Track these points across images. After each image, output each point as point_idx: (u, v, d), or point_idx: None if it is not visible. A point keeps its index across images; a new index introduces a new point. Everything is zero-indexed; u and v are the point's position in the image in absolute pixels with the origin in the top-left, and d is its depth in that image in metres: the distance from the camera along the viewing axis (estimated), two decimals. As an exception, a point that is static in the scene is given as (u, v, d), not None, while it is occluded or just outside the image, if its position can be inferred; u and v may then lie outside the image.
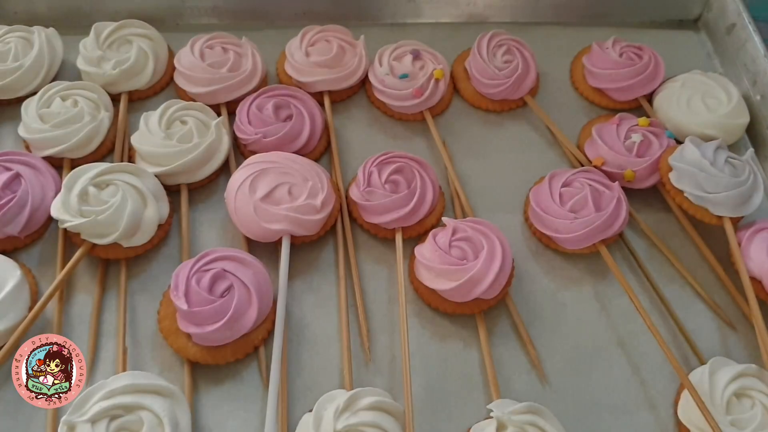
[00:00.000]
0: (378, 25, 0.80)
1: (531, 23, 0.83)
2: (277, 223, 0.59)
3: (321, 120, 0.68)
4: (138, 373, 0.52)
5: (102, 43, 0.70)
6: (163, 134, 0.63)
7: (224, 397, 0.55)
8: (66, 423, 0.48)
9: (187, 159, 0.62)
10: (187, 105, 0.66)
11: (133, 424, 0.49)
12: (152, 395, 0.50)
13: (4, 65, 0.68)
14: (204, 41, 0.71)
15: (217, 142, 0.65)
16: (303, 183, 0.61)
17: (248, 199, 0.59)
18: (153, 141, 0.63)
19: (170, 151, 0.62)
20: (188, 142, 0.63)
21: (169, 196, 0.63)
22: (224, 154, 0.65)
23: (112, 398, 0.49)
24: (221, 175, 0.67)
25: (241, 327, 0.54)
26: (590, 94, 0.76)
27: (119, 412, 0.49)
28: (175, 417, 0.50)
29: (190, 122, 0.65)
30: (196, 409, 0.54)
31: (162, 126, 0.64)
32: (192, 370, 0.55)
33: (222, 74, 0.69)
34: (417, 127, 0.73)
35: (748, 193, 0.62)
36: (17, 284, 0.56)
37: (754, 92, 0.74)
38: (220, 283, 0.54)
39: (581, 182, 0.63)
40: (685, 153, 0.63)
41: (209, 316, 0.53)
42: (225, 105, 0.70)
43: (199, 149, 0.63)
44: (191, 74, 0.69)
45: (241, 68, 0.70)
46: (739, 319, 0.61)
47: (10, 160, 0.61)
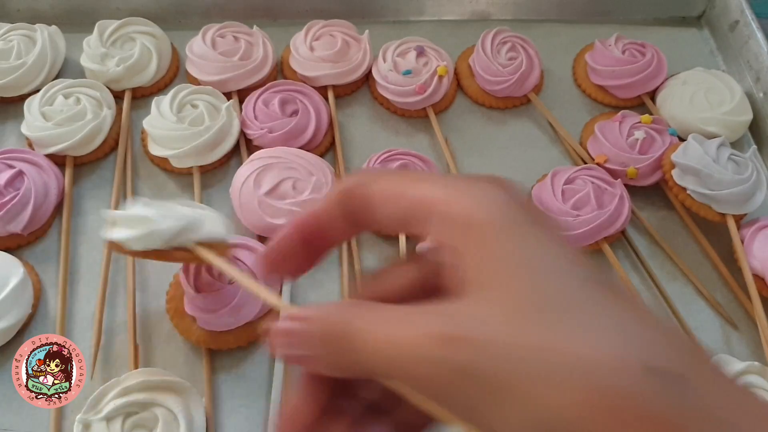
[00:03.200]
0: (381, 23, 0.80)
1: (533, 20, 0.82)
2: (282, 218, 0.59)
3: (326, 115, 0.68)
4: (151, 370, 0.53)
5: (105, 41, 0.71)
6: (175, 118, 0.64)
7: (228, 395, 0.55)
8: (81, 421, 0.48)
9: (198, 142, 0.63)
10: (198, 89, 0.67)
11: (148, 421, 0.49)
12: (166, 392, 0.50)
13: (7, 63, 0.68)
14: (216, 30, 0.72)
15: (228, 125, 0.65)
16: (307, 178, 0.61)
17: (253, 194, 0.59)
18: (165, 124, 0.64)
19: (182, 134, 0.63)
20: (199, 125, 0.64)
21: (181, 179, 0.64)
22: (235, 137, 0.66)
23: (127, 396, 0.49)
24: (232, 159, 0.68)
25: (245, 314, 0.54)
26: (593, 91, 0.75)
27: (134, 409, 0.49)
28: (189, 413, 0.50)
29: (201, 106, 0.65)
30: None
31: (174, 110, 0.64)
32: (209, 362, 0.56)
33: (233, 62, 0.69)
34: (420, 124, 0.73)
35: (751, 190, 0.62)
36: (20, 282, 0.56)
37: (757, 89, 0.74)
38: None
39: (584, 180, 0.63)
40: (688, 150, 0.63)
41: (215, 301, 0.53)
42: (236, 93, 0.70)
43: (210, 132, 0.63)
44: (203, 62, 0.70)
45: (252, 56, 0.71)
46: (742, 317, 0.61)
47: (13, 158, 0.61)
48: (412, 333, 0.21)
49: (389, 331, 0.21)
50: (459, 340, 0.20)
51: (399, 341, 0.21)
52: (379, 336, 0.22)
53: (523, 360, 0.19)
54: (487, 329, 0.20)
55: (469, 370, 0.20)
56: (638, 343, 0.19)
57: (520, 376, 0.19)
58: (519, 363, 0.19)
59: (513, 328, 0.20)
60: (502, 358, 0.20)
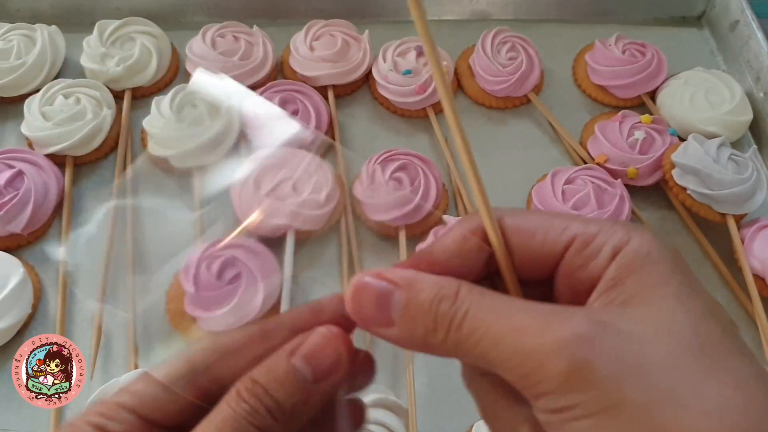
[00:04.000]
0: (381, 23, 0.80)
1: (533, 20, 0.82)
2: (281, 218, 0.59)
3: (326, 115, 0.68)
4: None
5: (105, 41, 0.71)
6: (175, 118, 0.64)
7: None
8: None
9: (198, 142, 0.63)
10: None
11: None
12: None
13: (7, 63, 0.68)
14: (216, 30, 0.72)
15: (228, 124, 0.65)
16: (307, 178, 0.61)
17: (253, 194, 0.59)
18: (165, 124, 0.64)
19: (182, 134, 0.63)
20: (199, 125, 0.64)
21: (180, 178, 0.64)
22: (235, 136, 0.66)
23: None
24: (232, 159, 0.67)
25: (245, 315, 0.54)
26: (593, 91, 0.75)
27: None
28: None
29: (201, 106, 0.65)
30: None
31: (174, 109, 0.64)
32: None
33: (233, 62, 0.69)
34: (420, 124, 0.73)
35: (751, 190, 0.62)
36: (20, 282, 0.56)
37: (758, 89, 0.74)
38: (229, 270, 0.55)
39: (584, 180, 0.63)
40: (688, 150, 0.63)
41: (215, 301, 0.53)
42: None
43: (210, 132, 0.63)
44: (203, 62, 0.70)
45: (252, 56, 0.71)
46: (742, 317, 0.61)
47: (13, 158, 0.62)
48: (556, 329, 0.21)
49: (520, 322, 0.22)
50: (606, 346, 0.21)
51: (537, 334, 0.21)
52: (504, 325, 0.22)
53: (675, 391, 0.20)
54: (642, 349, 0.21)
55: (606, 378, 0.20)
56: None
57: (662, 403, 0.20)
58: (667, 393, 0.20)
59: (672, 360, 0.21)
60: (644, 381, 0.20)
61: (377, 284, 0.24)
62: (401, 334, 0.24)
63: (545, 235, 0.25)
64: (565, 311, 0.22)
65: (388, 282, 0.24)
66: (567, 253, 0.25)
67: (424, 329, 0.23)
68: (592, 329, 0.21)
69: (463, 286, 0.24)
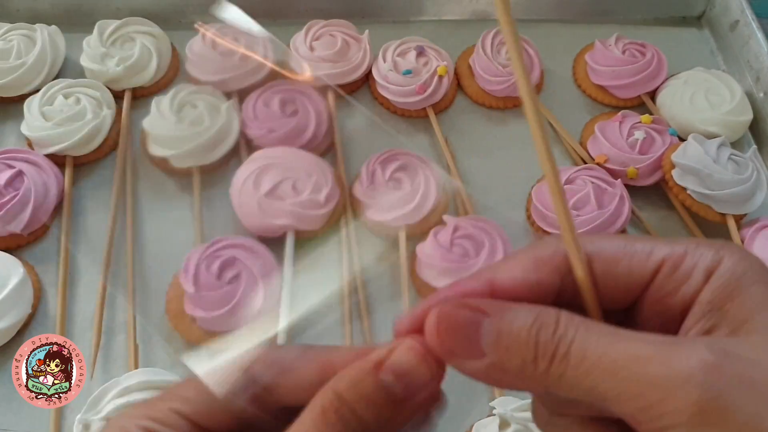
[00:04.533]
0: (381, 23, 0.80)
1: (533, 20, 0.82)
2: (281, 219, 0.59)
3: (326, 115, 0.68)
4: (151, 370, 0.53)
5: (105, 41, 0.71)
6: (175, 118, 0.64)
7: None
8: (81, 421, 0.48)
9: (198, 142, 0.63)
10: (198, 89, 0.67)
11: None
12: None
13: (7, 63, 0.68)
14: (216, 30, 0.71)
15: (228, 125, 0.65)
16: (307, 178, 0.61)
17: (252, 194, 0.59)
18: (165, 124, 0.64)
19: (182, 134, 0.63)
20: (199, 125, 0.64)
21: (181, 179, 0.64)
22: (235, 137, 0.66)
23: (127, 396, 0.49)
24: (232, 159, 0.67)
25: (245, 315, 0.54)
26: (593, 91, 0.75)
27: None
28: None
29: (201, 106, 0.65)
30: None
31: (174, 109, 0.64)
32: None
33: (233, 62, 0.69)
34: (420, 124, 0.73)
35: (751, 190, 0.62)
36: (20, 282, 0.56)
37: (758, 89, 0.74)
38: (228, 270, 0.55)
39: (583, 180, 0.63)
40: (688, 150, 0.63)
41: (214, 301, 0.53)
42: (236, 93, 0.70)
43: (210, 132, 0.63)
44: (203, 62, 0.70)
45: None
46: (742, 317, 0.61)
47: (13, 158, 0.62)
48: (683, 357, 0.20)
49: (640, 350, 0.20)
50: (736, 374, 0.19)
51: (662, 363, 0.20)
52: (621, 354, 0.20)
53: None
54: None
55: (742, 410, 0.19)
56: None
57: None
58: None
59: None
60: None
61: (465, 314, 0.22)
62: (493, 366, 0.22)
63: (630, 262, 0.24)
64: (683, 340, 0.21)
65: (474, 310, 0.22)
66: (656, 279, 0.23)
67: (520, 360, 0.21)
68: (719, 358, 0.19)
69: (564, 313, 0.22)
